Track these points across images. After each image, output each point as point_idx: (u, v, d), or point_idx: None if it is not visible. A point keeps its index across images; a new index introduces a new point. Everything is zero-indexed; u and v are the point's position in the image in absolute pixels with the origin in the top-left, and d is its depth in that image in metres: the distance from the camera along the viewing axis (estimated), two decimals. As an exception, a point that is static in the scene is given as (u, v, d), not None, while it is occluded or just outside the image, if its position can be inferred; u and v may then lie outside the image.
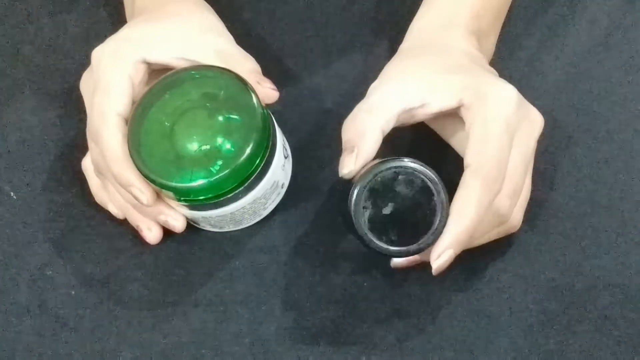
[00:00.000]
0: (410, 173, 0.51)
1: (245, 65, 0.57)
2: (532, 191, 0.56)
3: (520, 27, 0.66)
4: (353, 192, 0.51)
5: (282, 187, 0.59)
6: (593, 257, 0.58)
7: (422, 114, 0.54)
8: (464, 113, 0.53)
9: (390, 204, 0.51)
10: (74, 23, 0.69)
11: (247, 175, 0.54)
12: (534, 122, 0.55)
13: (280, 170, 0.57)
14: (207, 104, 0.54)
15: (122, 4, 0.65)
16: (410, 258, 0.52)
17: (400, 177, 0.51)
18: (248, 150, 0.52)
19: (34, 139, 0.64)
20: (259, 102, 0.54)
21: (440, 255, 0.51)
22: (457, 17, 0.58)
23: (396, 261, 0.52)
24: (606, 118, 0.62)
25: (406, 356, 0.56)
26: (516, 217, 0.55)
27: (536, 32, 0.66)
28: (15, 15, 0.69)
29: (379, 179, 0.51)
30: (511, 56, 0.65)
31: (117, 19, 0.67)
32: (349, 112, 0.55)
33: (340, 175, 0.53)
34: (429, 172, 0.50)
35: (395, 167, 0.51)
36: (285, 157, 0.59)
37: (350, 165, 0.52)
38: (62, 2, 0.70)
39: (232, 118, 0.53)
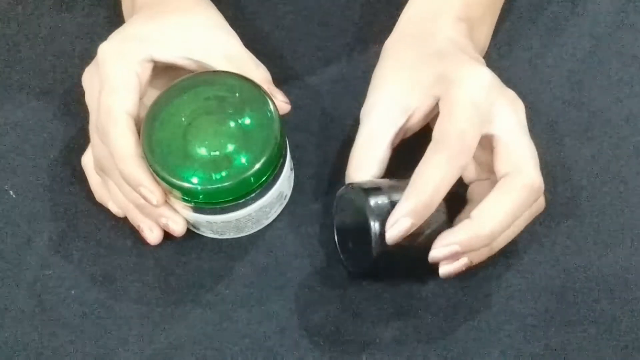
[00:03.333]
0: (350, 202, 0.55)
1: (257, 75, 0.57)
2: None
3: (520, 26, 0.66)
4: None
5: (284, 198, 0.59)
6: (593, 257, 0.58)
7: (414, 124, 0.56)
8: (439, 105, 0.54)
9: (347, 225, 0.56)
10: (74, 23, 0.69)
11: (260, 184, 0.54)
12: (515, 100, 0.55)
13: (286, 180, 0.58)
14: (225, 110, 0.54)
15: (119, 2, 0.65)
16: (457, 265, 0.53)
17: (348, 204, 0.55)
18: (263, 159, 0.53)
19: (34, 138, 0.64)
20: (277, 114, 0.54)
21: (396, 222, 0.51)
22: (446, 5, 0.58)
23: (444, 271, 0.53)
24: (607, 117, 0.62)
25: (406, 356, 0.56)
26: (536, 179, 0.53)
27: (537, 32, 0.66)
28: (15, 15, 0.69)
29: (341, 201, 0.56)
30: (511, 56, 0.65)
31: (116, 19, 0.66)
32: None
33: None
34: (367, 202, 0.52)
35: (341, 195, 0.56)
36: (291, 169, 0.59)
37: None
38: (62, 2, 0.70)
39: (248, 127, 0.54)
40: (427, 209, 0.51)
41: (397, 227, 0.51)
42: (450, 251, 0.52)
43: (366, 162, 0.55)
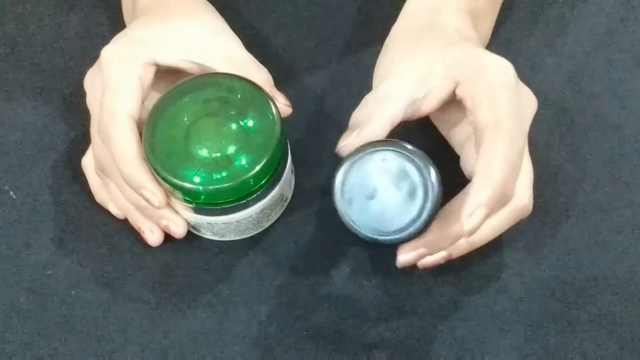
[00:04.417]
0: (395, 156, 0.49)
1: (258, 77, 0.56)
2: (533, 190, 0.56)
3: (520, 26, 0.66)
4: (335, 176, 0.49)
5: (285, 201, 0.59)
6: (593, 257, 0.58)
7: (425, 106, 0.54)
8: (460, 91, 0.53)
9: (375, 190, 0.49)
10: (74, 23, 0.69)
11: (260, 185, 0.54)
12: (528, 102, 0.54)
13: (287, 182, 0.58)
14: (227, 112, 0.54)
15: (120, 3, 0.65)
16: (435, 258, 0.52)
17: (385, 160, 0.49)
18: (264, 161, 0.53)
19: (34, 138, 0.64)
20: (279, 116, 0.54)
21: (473, 213, 0.49)
22: None
23: (402, 260, 0.52)
24: (607, 117, 0.62)
25: (406, 356, 0.56)
26: (525, 196, 0.54)
27: (537, 32, 0.66)
28: (15, 15, 0.69)
29: (361, 161, 0.49)
30: (511, 56, 0.64)
31: (116, 20, 0.67)
32: (349, 115, 0.55)
33: (335, 150, 0.52)
34: (416, 157, 0.49)
35: (381, 148, 0.49)
36: (292, 172, 0.59)
37: (349, 139, 0.52)
38: (62, 2, 0.70)
39: (250, 129, 0.54)
40: (500, 195, 0.49)
41: (475, 218, 0.49)
42: (418, 254, 0.52)
43: (377, 111, 0.52)
